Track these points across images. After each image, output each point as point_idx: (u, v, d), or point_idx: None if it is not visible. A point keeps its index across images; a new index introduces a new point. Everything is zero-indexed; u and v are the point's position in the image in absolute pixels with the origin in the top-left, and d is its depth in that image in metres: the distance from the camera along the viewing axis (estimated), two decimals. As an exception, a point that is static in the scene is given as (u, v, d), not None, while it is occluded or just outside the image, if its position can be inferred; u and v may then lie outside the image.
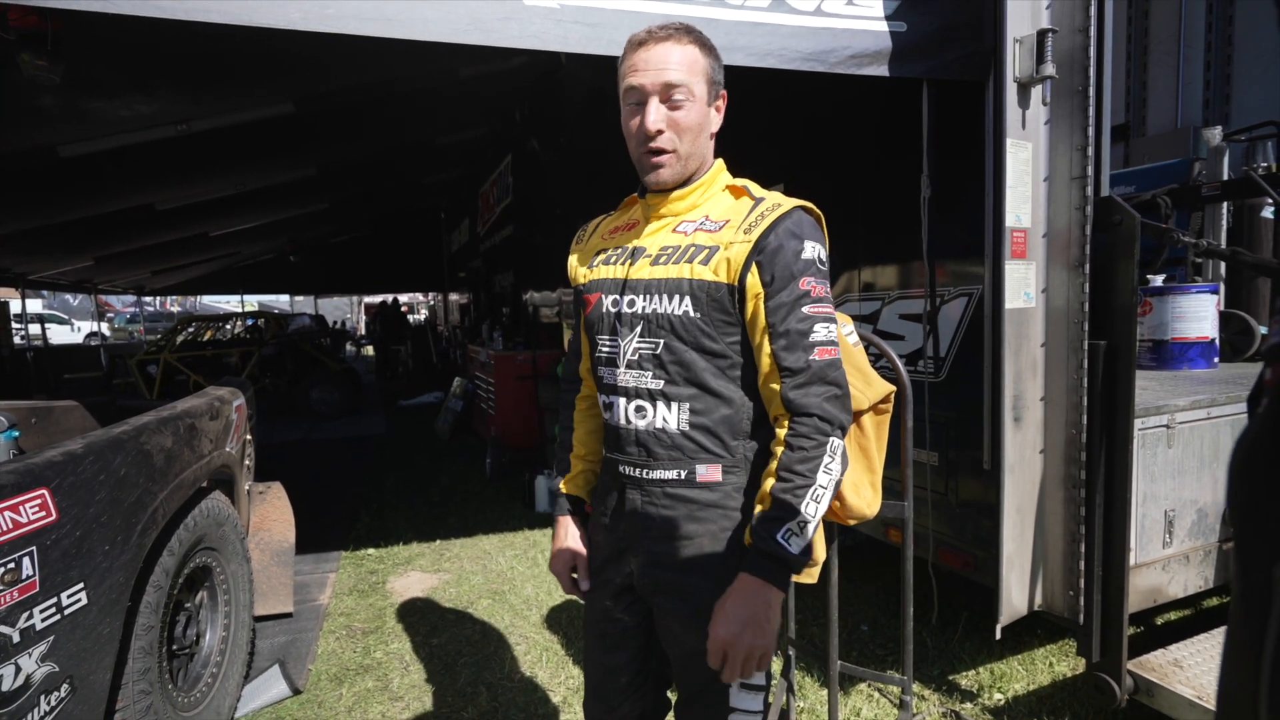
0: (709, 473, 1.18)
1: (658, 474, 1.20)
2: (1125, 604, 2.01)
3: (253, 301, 23.86)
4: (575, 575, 1.38)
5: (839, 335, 1.57)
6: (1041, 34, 1.93)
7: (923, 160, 2.33)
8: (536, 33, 1.75)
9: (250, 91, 4.36)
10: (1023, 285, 2.02)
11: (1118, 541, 2.00)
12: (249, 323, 11.02)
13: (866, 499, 1.60)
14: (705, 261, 1.15)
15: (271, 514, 3.35)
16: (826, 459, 1.09)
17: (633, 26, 1.19)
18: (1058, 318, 2.06)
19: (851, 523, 1.62)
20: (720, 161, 1.26)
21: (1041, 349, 2.09)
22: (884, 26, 2.05)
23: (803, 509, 1.07)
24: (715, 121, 1.22)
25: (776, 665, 2.60)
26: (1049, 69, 1.94)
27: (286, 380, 9.49)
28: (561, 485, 1.42)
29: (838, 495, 1.56)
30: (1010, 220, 1.98)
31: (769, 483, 1.10)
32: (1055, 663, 2.62)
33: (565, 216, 6.37)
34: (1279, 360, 0.60)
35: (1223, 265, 3.54)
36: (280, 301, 26.12)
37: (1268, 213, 3.49)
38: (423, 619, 3.18)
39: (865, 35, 2.04)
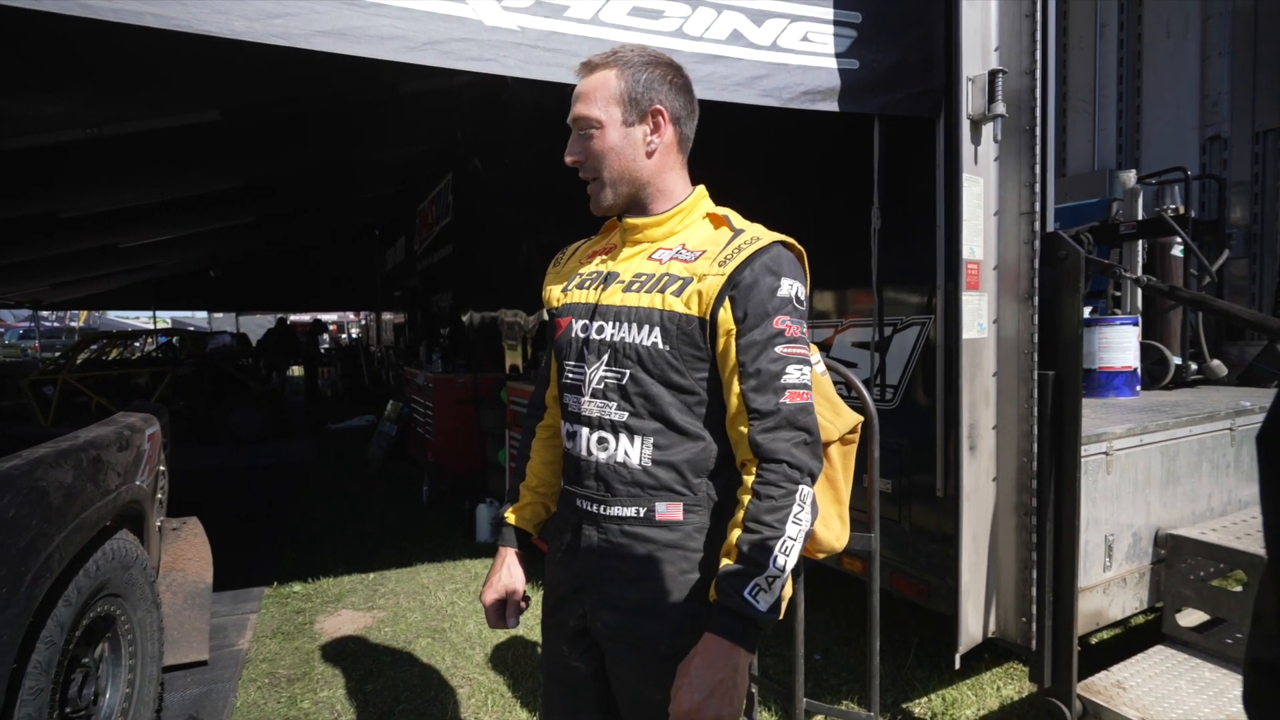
0: (669, 511, 1.13)
1: (616, 510, 1.14)
2: (1075, 629, 2.06)
3: (166, 318, 22.43)
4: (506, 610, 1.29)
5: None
6: (993, 74, 2.01)
7: (874, 193, 2.38)
8: (496, 56, 1.69)
9: (172, 96, 4.08)
10: (976, 316, 2.07)
11: (1068, 567, 2.04)
12: (162, 340, 10.32)
13: (835, 532, 1.56)
14: (678, 293, 1.11)
15: (187, 552, 3.07)
16: (796, 508, 1.04)
17: (594, 52, 1.17)
18: (1009, 348, 2.11)
19: (820, 556, 1.58)
20: (701, 188, 1.22)
21: (994, 379, 2.13)
22: (836, 64, 2.08)
23: (771, 563, 1.01)
24: (648, 141, 1.14)
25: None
26: (999, 108, 2.01)
27: (204, 402, 8.89)
28: (508, 515, 1.34)
29: (807, 530, 1.52)
30: (965, 252, 2.03)
31: (735, 534, 1.04)
32: (1002, 686, 2.66)
33: (507, 237, 6.26)
34: None
35: (1139, 297, 3.77)
36: (198, 318, 24.65)
37: (1177, 251, 3.74)
38: (355, 662, 2.96)
39: (819, 72, 2.06)
